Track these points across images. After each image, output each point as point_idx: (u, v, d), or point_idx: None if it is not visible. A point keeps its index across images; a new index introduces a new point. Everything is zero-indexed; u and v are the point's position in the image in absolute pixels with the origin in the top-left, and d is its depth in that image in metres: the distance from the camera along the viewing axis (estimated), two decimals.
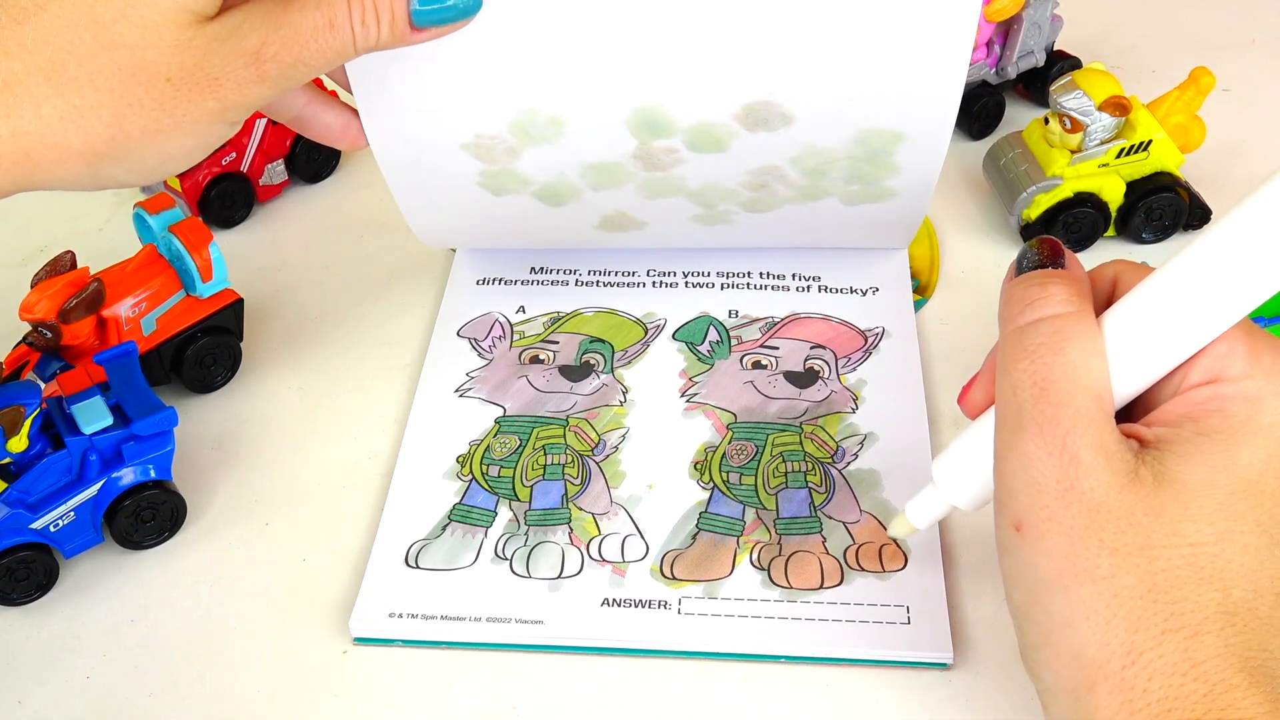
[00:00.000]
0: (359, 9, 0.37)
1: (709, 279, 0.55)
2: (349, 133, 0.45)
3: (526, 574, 0.43)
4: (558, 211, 0.51)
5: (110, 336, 0.49)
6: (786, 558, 0.43)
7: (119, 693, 0.42)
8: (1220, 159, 0.61)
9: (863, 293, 0.54)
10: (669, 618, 0.42)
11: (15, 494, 0.42)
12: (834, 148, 0.47)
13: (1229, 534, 0.31)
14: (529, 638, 0.42)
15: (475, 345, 0.53)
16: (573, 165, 0.48)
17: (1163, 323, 0.33)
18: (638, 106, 0.45)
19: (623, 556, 0.44)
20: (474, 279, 0.56)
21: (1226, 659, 0.30)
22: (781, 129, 0.46)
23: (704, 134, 0.46)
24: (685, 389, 0.50)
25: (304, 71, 0.37)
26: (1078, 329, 0.33)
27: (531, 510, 0.46)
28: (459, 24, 0.40)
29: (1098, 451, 0.32)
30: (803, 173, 0.49)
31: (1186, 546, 0.31)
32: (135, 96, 0.35)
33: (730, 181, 0.49)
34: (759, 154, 0.47)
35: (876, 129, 0.46)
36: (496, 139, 0.46)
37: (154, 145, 0.36)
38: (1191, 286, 0.32)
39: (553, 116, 0.45)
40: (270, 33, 0.36)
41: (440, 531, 0.45)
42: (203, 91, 0.35)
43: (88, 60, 0.34)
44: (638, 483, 0.47)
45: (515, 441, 0.48)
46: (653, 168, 0.48)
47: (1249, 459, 0.32)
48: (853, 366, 0.51)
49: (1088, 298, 0.34)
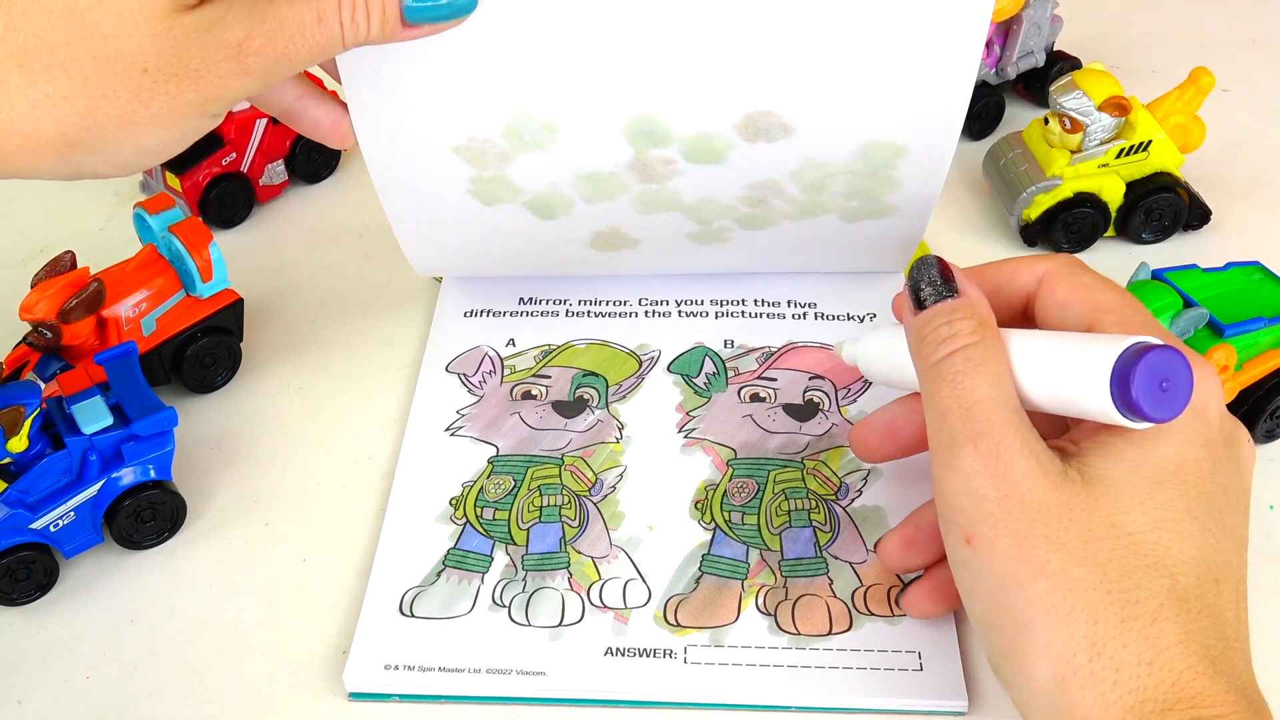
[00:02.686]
0: (349, 4, 0.36)
1: (703, 307, 0.54)
2: (339, 130, 0.44)
3: (526, 622, 0.42)
4: (549, 225, 0.50)
5: (110, 336, 0.49)
6: (793, 602, 0.42)
7: (119, 693, 0.42)
8: (1220, 159, 0.61)
9: (860, 319, 0.53)
10: (675, 667, 0.41)
11: (15, 494, 0.42)
12: (834, 161, 0.47)
13: (1163, 521, 0.33)
14: (531, 690, 0.40)
15: (465, 381, 0.51)
16: (566, 174, 0.47)
17: (1050, 374, 0.35)
18: (635, 114, 0.44)
19: (625, 602, 0.43)
20: (461, 310, 0.55)
21: (1187, 646, 0.31)
22: (781, 140, 0.45)
23: (702, 144, 0.45)
24: (683, 424, 0.49)
25: (289, 66, 0.36)
26: (987, 355, 0.35)
27: (529, 554, 0.44)
28: (453, 22, 0.38)
29: (1029, 457, 0.33)
30: (802, 188, 0.48)
31: (1125, 536, 0.32)
32: (110, 87, 0.34)
33: (727, 196, 0.48)
34: (757, 167, 0.47)
35: (879, 142, 0.46)
36: (488, 143, 0.45)
37: (130, 137, 0.35)
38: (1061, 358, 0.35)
39: (547, 121, 0.44)
40: (254, 25, 0.35)
41: (435, 578, 0.44)
42: (181, 83, 0.34)
43: (61, 48, 0.33)
44: (637, 524, 0.46)
45: (510, 482, 0.47)
46: (648, 179, 0.47)
47: (1165, 451, 0.33)
48: (853, 398, 0.50)
49: (990, 321, 0.36)
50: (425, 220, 0.50)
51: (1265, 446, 0.48)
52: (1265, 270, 0.49)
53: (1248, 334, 0.45)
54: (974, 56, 0.43)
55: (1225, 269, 0.48)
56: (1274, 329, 0.46)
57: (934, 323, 0.36)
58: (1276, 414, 0.47)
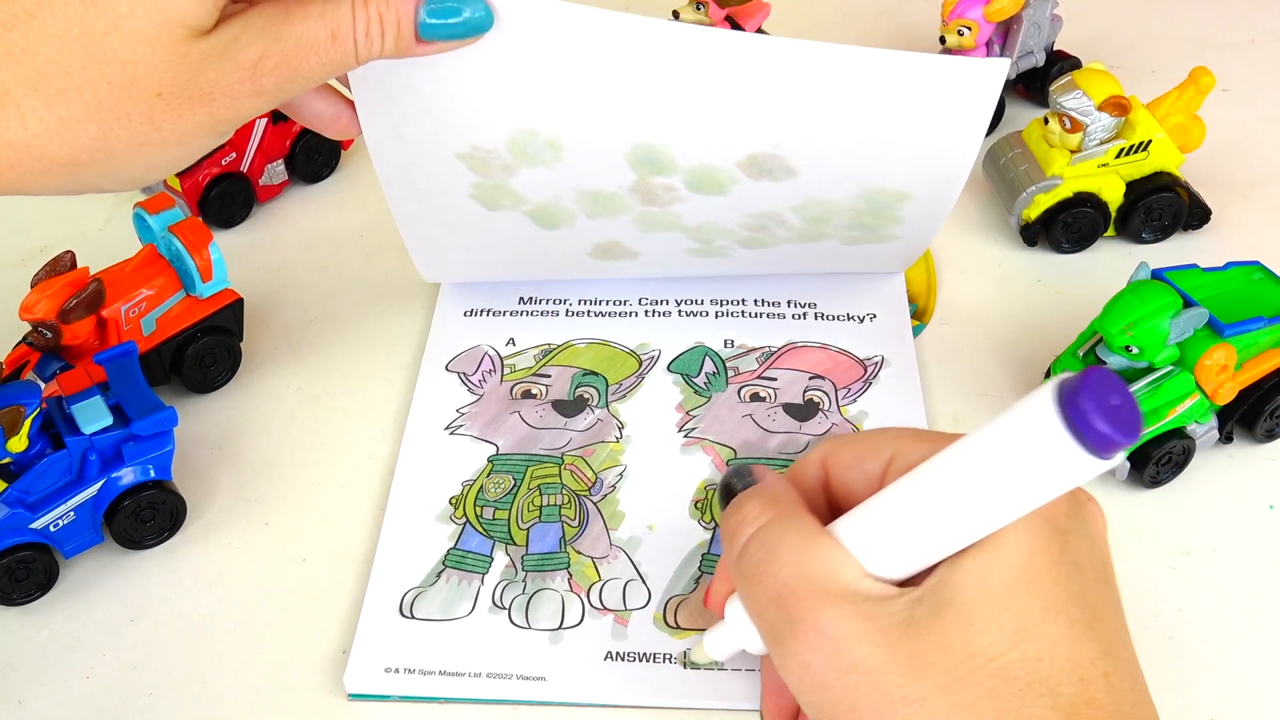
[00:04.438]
0: (364, 20, 0.36)
1: (703, 307, 0.54)
2: (339, 122, 0.43)
3: (526, 624, 0.42)
4: (550, 234, 0.50)
5: (110, 336, 0.49)
6: None
7: (119, 693, 0.42)
8: (1220, 159, 0.61)
9: (860, 319, 0.53)
10: (674, 671, 0.41)
11: (15, 494, 0.42)
12: (837, 200, 0.47)
13: (1023, 632, 0.29)
14: (531, 694, 0.40)
15: (465, 380, 0.51)
16: (568, 189, 0.47)
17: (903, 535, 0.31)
18: (639, 142, 0.44)
19: (624, 604, 0.43)
20: (461, 310, 0.55)
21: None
22: (785, 180, 0.45)
23: (704, 176, 0.45)
24: (683, 423, 0.49)
25: (302, 84, 0.36)
26: (780, 528, 0.33)
27: (529, 555, 0.45)
28: (467, 41, 0.38)
29: (858, 620, 0.30)
30: (804, 219, 0.48)
31: (988, 662, 0.29)
32: (124, 110, 0.33)
33: (728, 221, 0.48)
34: (760, 200, 0.47)
35: (883, 188, 0.46)
36: (493, 153, 0.45)
37: (139, 156, 0.35)
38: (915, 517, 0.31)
39: (551, 140, 0.44)
40: (269, 45, 0.34)
41: (435, 578, 0.44)
42: (194, 105, 0.34)
43: (77, 72, 0.33)
44: (637, 523, 0.46)
45: (509, 481, 0.47)
46: (650, 202, 0.47)
47: (1011, 548, 0.30)
48: (853, 398, 0.50)
49: (782, 498, 0.34)
50: (429, 218, 0.50)
51: (1265, 446, 0.48)
52: (1265, 270, 0.49)
53: (1247, 334, 0.45)
54: (984, 117, 0.43)
55: (1225, 269, 0.48)
56: (1274, 329, 0.46)
57: (728, 516, 0.34)
58: (1276, 414, 0.47)
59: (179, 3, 0.32)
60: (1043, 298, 0.55)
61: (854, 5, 0.76)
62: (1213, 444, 0.47)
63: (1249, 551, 0.44)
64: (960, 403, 0.50)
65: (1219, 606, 0.43)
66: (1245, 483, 0.47)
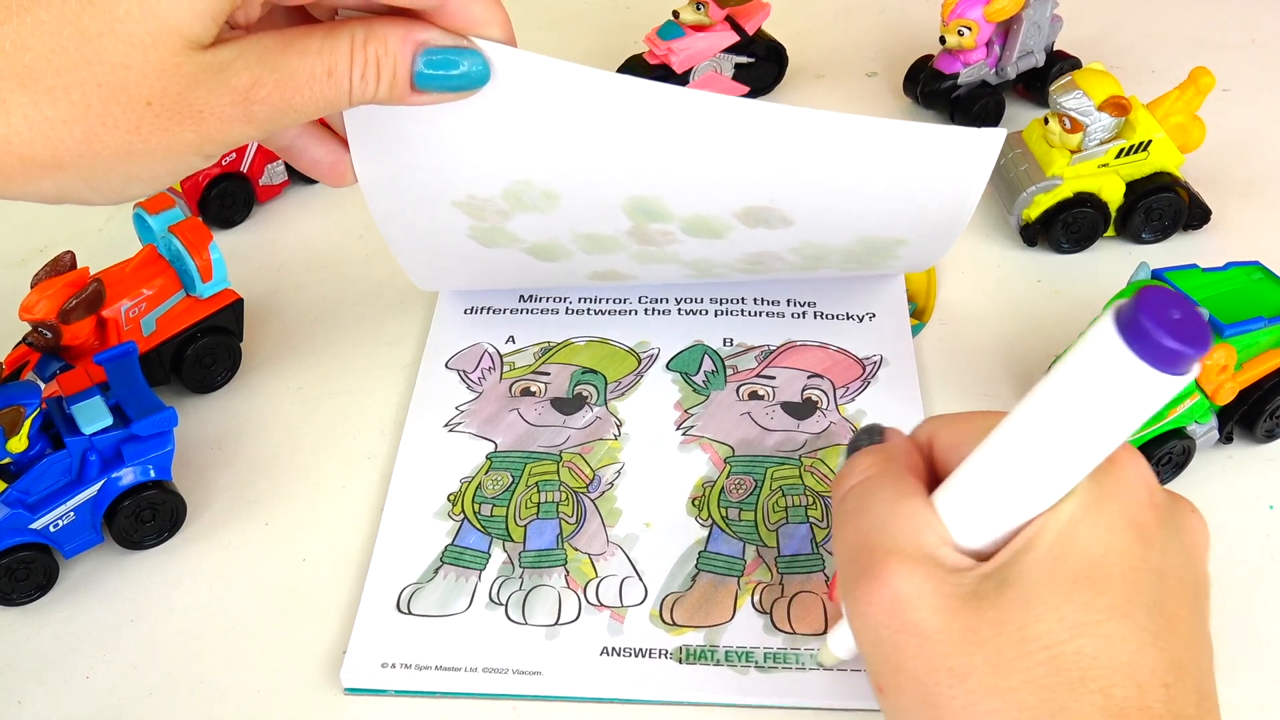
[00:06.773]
0: (361, 61, 0.35)
1: (702, 305, 0.54)
2: (338, 169, 0.43)
3: (523, 620, 0.42)
4: (548, 265, 0.50)
5: (110, 336, 0.49)
6: (789, 599, 0.43)
7: (119, 693, 0.42)
8: (1220, 159, 0.61)
9: (859, 319, 0.54)
10: (670, 667, 0.41)
11: (15, 494, 0.42)
12: (834, 244, 0.47)
13: (1083, 626, 0.28)
14: (527, 689, 0.41)
15: (464, 377, 0.52)
16: (565, 233, 0.47)
17: (989, 497, 0.31)
18: (635, 195, 0.44)
19: (621, 600, 0.43)
20: (461, 308, 0.55)
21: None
22: (782, 228, 0.46)
23: (701, 224, 0.45)
24: (681, 421, 0.49)
25: (293, 117, 0.35)
26: (879, 484, 0.33)
27: (526, 551, 0.45)
28: (462, 94, 0.38)
29: (923, 581, 0.30)
30: (802, 257, 0.49)
31: (1041, 649, 0.28)
32: (111, 116, 0.33)
33: (726, 258, 0.49)
34: (757, 244, 0.47)
35: (880, 236, 0.47)
36: (489, 202, 0.45)
37: (123, 167, 0.34)
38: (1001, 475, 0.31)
39: (547, 191, 0.44)
40: (264, 74, 0.34)
41: (432, 575, 0.44)
42: (183, 122, 0.34)
43: (67, 71, 0.32)
44: (634, 521, 0.46)
45: (508, 478, 0.47)
46: (647, 243, 0.47)
47: (1086, 540, 0.29)
48: (851, 397, 0.50)
49: (894, 457, 0.35)
50: (425, 250, 0.50)
51: (1265, 446, 0.48)
52: (1265, 270, 0.49)
53: (1248, 334, 0.45)
54: (979, 185, 0.44)
55: (1225, 269, 0.48)
56: (1274, 329, 0.46)
57: (842, 467, 0.35)
58: (1276, 414, 0.47)
59: (177, 13, 0.32)
60: (1043, 298, 0.55)
61: (854, 5, 0.76)
62: (1213, 444, 0.47)
63: (1249, 552, 0.44)
64: (959, 403, 0.50)
65: (1219, 606, 0.42)
66: (1245, 483, 0.47)
